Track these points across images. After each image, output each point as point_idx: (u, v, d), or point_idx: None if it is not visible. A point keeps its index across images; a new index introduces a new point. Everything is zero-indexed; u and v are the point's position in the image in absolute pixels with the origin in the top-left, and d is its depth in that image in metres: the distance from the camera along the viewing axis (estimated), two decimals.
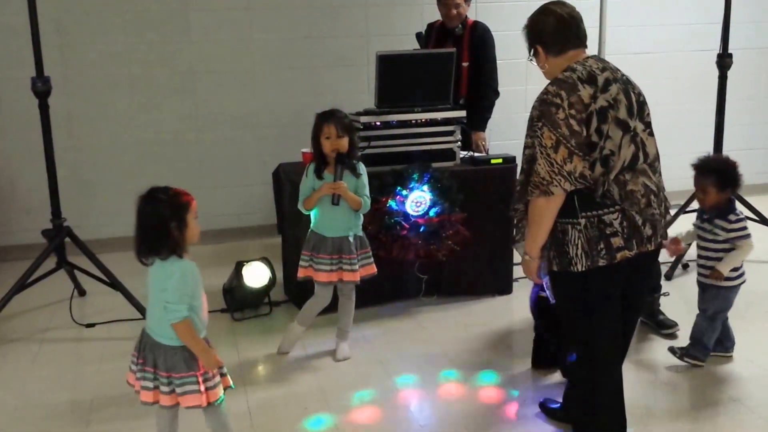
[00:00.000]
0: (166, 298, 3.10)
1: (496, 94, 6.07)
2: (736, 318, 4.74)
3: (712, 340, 4.26)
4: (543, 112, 3.09)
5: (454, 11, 5.87)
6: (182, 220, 3.12)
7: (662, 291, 4.81)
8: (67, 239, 5.16)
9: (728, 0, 6.01)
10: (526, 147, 3.15)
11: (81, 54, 6.43)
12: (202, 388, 3.14)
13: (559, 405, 3.75)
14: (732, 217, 4.20)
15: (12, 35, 6.04)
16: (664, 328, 4.71)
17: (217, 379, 3.21)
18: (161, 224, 3.11)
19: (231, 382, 3.31)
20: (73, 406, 4.01)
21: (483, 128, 6.09)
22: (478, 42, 5.96)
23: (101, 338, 4.85)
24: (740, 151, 7.94)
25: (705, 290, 4.28)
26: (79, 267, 5.27)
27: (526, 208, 3.15)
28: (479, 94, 6.01)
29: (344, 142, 4.25)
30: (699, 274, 4.32)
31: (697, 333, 4.26)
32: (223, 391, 3.23)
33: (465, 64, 5.93)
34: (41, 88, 4.91)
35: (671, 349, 4.35)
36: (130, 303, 4.95)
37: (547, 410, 3.79)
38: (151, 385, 3.18)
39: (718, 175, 4.22)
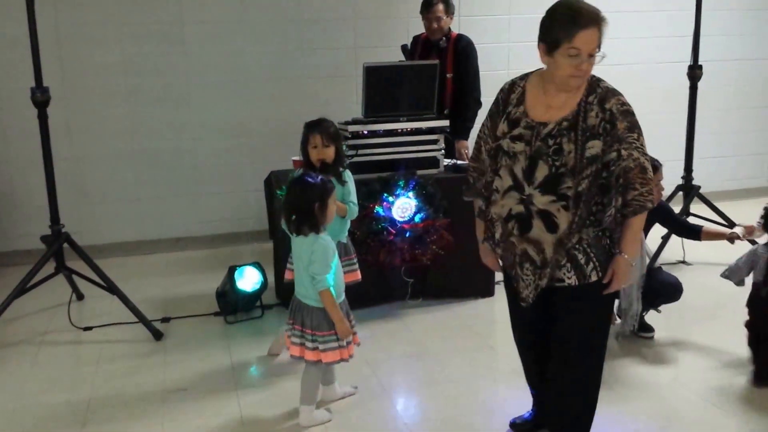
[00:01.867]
0: (313, 271, 3.68)
1: (479, 103, 6.22)
2: (707, 319, 4.92)
3: None
4: (633, 122, 3.04)
5: (436, 25, 6.04)
6: (324, 203, 3.67)
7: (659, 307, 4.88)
8: (66, 245, 5.20)
9: (698, 14, 6.19)
10: (611, 162, 3.00)
11: (79, 65, 6.56)
12: (342, 344, 3.77)
13: (529, 414, 3.78)
14: None
15: (12, 46, 6.17)
16: (643, 330, 4.83)
17: (350, 337, 3.81)
18: (307, 205, 3.65)
19: (358, 340, 3.95)
20: (70, 407, 4.08)
21: (466, 137, 6.25)
22: (461, 54, 6.11)
23: (98, 341, 4.94)
24: (712, 158, 8.18)
25: None
26: (77, 272, 5.33)
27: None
28: (462, 103, 6.16)
29: (330, 152, 4.33)
30: None
31: None
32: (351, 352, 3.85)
33: (449, 76, 6.09)
34: (40, 98, 4.96)
35: None
36: (127, 306, 5.04)
37: (518, 427, 3.77)
38: (298, 341, 3.80)
39: None
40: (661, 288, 4.71)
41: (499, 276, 5.52)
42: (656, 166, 4.45)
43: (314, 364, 3.81)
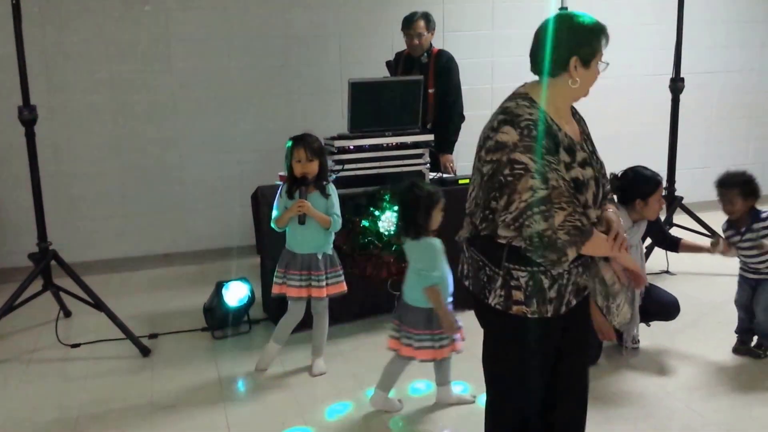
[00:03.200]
0: (419, 267, 3.98)
1: (462, 118, 6.28)
2: (688, 327, 4.96)
3: None
4: None
5: (417, 41, 6.10)
6: (428, 212, 3.98)
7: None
8: (53, 262, 5.21)
9: (680, 27, 6.27)
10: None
11: (66, 83, 6.59)
12: (435, 345, 4.00)
13: None
14: (764, 215, 4.55)
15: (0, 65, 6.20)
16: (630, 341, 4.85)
17: (446, 341, 4.02)
18: (413, 213, 3.98)
19: (460, 348, 4.10)
20: (59, 423, 4.09)
21: (450, 151, 6.29)
22: (443, 69, 6.16)
23: (86, 358, 4.94)
24: (695, 169, 8.25)
25: (758, 286, 4.60)
26: (64, 289, 5.34)
27: None
28: (445, 118, 6.21)
29: (314, 166, 4.41)
30: (749, 272, 4.65)
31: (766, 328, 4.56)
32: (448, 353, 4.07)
33: (431, 91, 6.14)
34: (27, 117, 4.98)
35: (753, 353, 4.64)
36: (114, 323, 5.04)
37: None
38: (396, 335, 4.09)
39: (742, 186, 4.54)
40: (661, 308, 4.76)
41: None
42: (658, 182, 4.61)
43: (405, 357, 4.07)
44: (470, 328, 3.56)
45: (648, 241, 5.18)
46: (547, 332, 2.89)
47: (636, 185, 4.57)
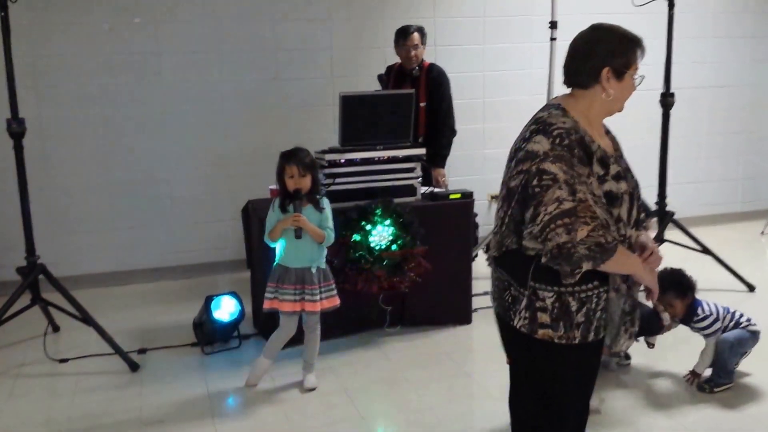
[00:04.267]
0: None
1: (453, 132, 6.30)
2: (680, 343, 4.95)
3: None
4: None
5: (413, 53, 6.12)
6: None
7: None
8: (42, 276, 5.19)
9: (670, 42, 6.28)
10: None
11: (55, 96, 6.55)
12: None
13: None
14: (695, 320, 4.53)
15: None
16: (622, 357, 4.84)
17: None
18: None
19: None
20: None
21: (442, 165, 6.30)
22: (434, 83, 6.19)
23: (75, 373, 4.90)
24: (688, 184, 8.29)
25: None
26: (53, 303, 5.31)
27: None
28: (437, 132, 6.22)
29: (307, 181, 4.41)
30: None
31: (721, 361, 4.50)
32: None
33: (422, 105, 6.15)
34: (16, 129, 4.98)
35: (700, 387, 4.53)
36: (103, 338, 5.01)
37: None
38: None
39: (676, 289, 4.50)
40: (650, 321, 4.69)
41: (476, 303, 5.69)
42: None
43: None
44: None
45: None
46: (577, 360, 2.77)
47: None
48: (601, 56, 2.70)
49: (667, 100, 6.40)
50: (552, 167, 2.55)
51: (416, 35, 6.13)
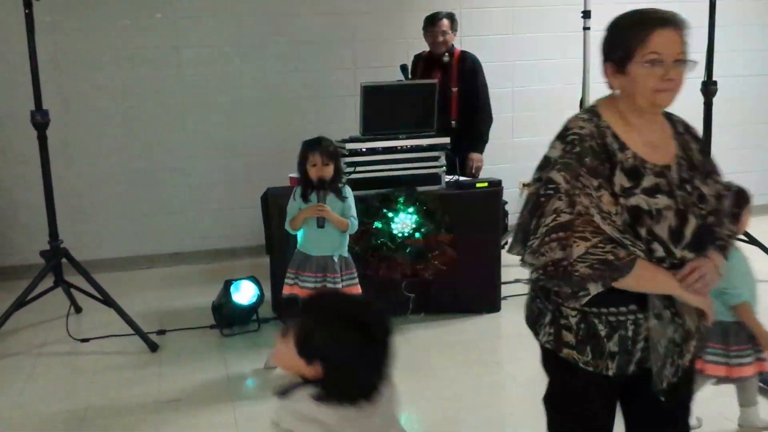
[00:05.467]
0: (725, 285, 3.39)
1: (491, 119, 6.35)
2: None
3: None
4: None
5: (441, 38, 6.13)
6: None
7: None
8: (64, 260, 5.27)
9: (711, 30, 6.19)
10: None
11: (77, 88, 6.66)
12: (730, 362, 3.59)
13: None
14: None
15: (13, 71, 6.23)
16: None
17: (747, 359, 3.60)
18: None
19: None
20: (67, 416, 4.11)
21: (481, 150, 6.34)
22: (470, 71, 6.22)
23: (95, 352, 4.97)
24: (733, 174, 8.15)
25: None
26: (75, 285, 5.38)
27: None
28: (477, 119, 6.26)
29: (329, 169, 4.39)
30: None
31: None
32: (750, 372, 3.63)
33: (454, 89, 6.17)
34: (40, 121, 5.08)
35: None
36: (123, 319, 5.06)
37: None
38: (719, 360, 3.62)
39: None
40: None
41: (506, 291, 5.63)
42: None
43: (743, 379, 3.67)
44: None
45: None
46: (604, 391, 2.45)
47: None
48: (603, 53, 2.45)
49: (708, 88, 6.27)
50: (557, 176, 2.30)
51: (445, 21, 6.15)
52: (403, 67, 6.03)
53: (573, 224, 2.25)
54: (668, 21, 2.33)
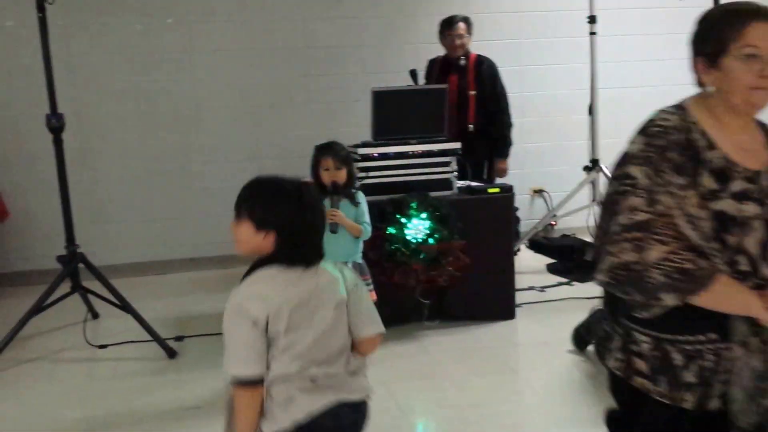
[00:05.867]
0: None
1: (512, 123, 6.40)
2: None
3: None
4: None
5: (458, 41, 6.19)
6: None
7: None
8: (81, 265, 5.28)
9: None
10: None
11: (92, 92, 6.72)
12: None
13: None
14: None
15: (27, 75, 6.31)
16: None
17: None
18: None
19: None
20: (84, 423, 4.10)
21: (508, 155, 6.40)
22: (489, 75, 6.28)
23: (113, 358, 4.98)
24: None
25: None
26: (92, 291, 5.39)
27: None
28: (499, 122, 6.33)
29: (342, 174, 4.40)
30: None
31: None
32: None
33: (472, 93, 6.20)
34: (55, 124, 5.08)
35: None
36: (141, 325, 5.06)
37: None
38: None
39: None
40: None
41: (520, 298, 5.60)
42: None
43: None
44: None
45: None
46: (680, 425, 2.22)
47: None
48: (692, 47, 2.27)
49: None
50: (635, 170, 2.11)
51: (462, 24, 6.20)
52: (413, 72, 6.05)
53: (651, 224, 2.05)
54: (765, 14, 2.14)
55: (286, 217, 2.42)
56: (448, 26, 6.23)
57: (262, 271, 2.42)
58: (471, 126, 6.23)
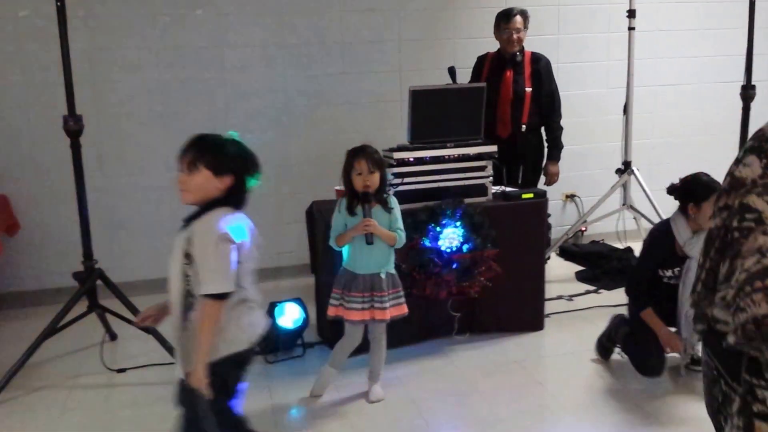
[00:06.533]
0: None
1: (562, 126, 6.30)
2: None
3: None
4: None
5: (515, 36, 5.99)
6: None
7: None
8: (99, 282, 5.06)
9: (751, 32, 5.99)
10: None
11: (114, 91, 6.36)
12: None
13: None
14: None
15: (43, 72, 6.01)
16: (695, 364, 4.65)
17: None
18: None
19: None
20: None
21: (559, 157, 6.27)
22: (545, 74, 6.13)
23: (133, 383, 4.76)
24: None
25: None
26: (110, 310, 5.18)
27: None
28: (553, 124, 6.22)
29: (375, 178, 4.22)
30: None
31: None
32: None
33: (528, 90, 6.05)
34: (73, 127, 4.81)
35: None
36: (163, 347, 4.84)
37: None
38: None
39: None
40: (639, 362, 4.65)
41: (549, 308, 5.58)
42: (713, 189, 4.27)
43: None
44: None
45: None
46: None
47: (690, 189, 4.39)
48: None
49: (747, 92, 6.10)
50: (758, 202, 1.78)
51: (519, 18, 6.00)
52: (451, 70, 5.77)
53: None
54: None
55: (240, 162, 3.10)
56: (504, 20, 6.03)
57: (222, 210, 3.02)
58: (524, 126, 6.07)
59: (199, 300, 2.95)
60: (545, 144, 6.34)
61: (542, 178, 6.36)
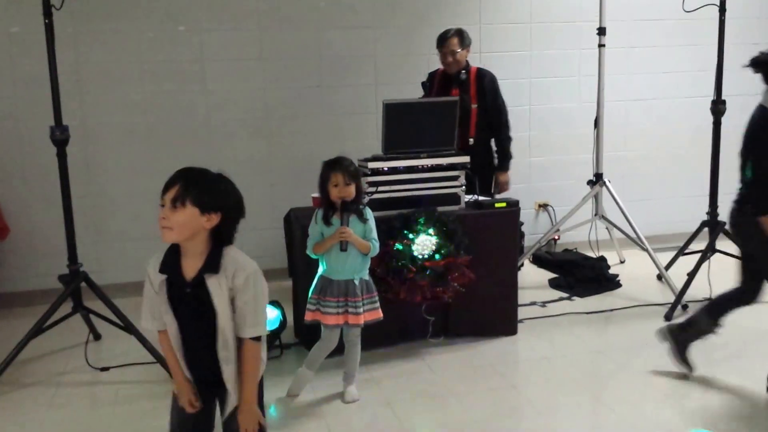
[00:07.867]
0: None
1: (511, 138, 6.35)
2: (733, 357, 4.80)
3: None
4: None
5: (450, 58, 6.11)
6: None
7: None
8: (84, 284, 5.18)
9: (721, 48, 6.14)
10: None
11: (99, 103, 6.55)
12: None
13: None
14: None
15: (32, 84, 6.17)
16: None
17: None
18: None
19: None
20: None
21: (508, 168, 6.35)
22: (489, 90, 6.20)
23: (116, 381, 4.87)
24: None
25: None
26: (94, 311, 5.29)
27: None
28: (501, 136, 6.30)
29: (351, 190, 4.32)
30: None
31: None
32: None
33: (474, 106, 6.14)
34: (60, 137, 4.96)
35: None
36: (144, 347, 4.96)
37: None
38: None
39: None
40: None
41: (522, 314, 5.69)
42: None
43: None
44: None
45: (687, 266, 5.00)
46: None
47: None
48: None
49: (718, 107, 6.24)
50: None
51: (454, 40, 6.10)
52: (425, 84, 5.95)
53: None
54: None
55: (230, 199, 2.87)
56: (440, 43, 6.16)
57: (230, 248, 2.97)
58: (471, 140, 6.18)
59: (245, 342, 2.93)
60: (494, 155, 6.46)
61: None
